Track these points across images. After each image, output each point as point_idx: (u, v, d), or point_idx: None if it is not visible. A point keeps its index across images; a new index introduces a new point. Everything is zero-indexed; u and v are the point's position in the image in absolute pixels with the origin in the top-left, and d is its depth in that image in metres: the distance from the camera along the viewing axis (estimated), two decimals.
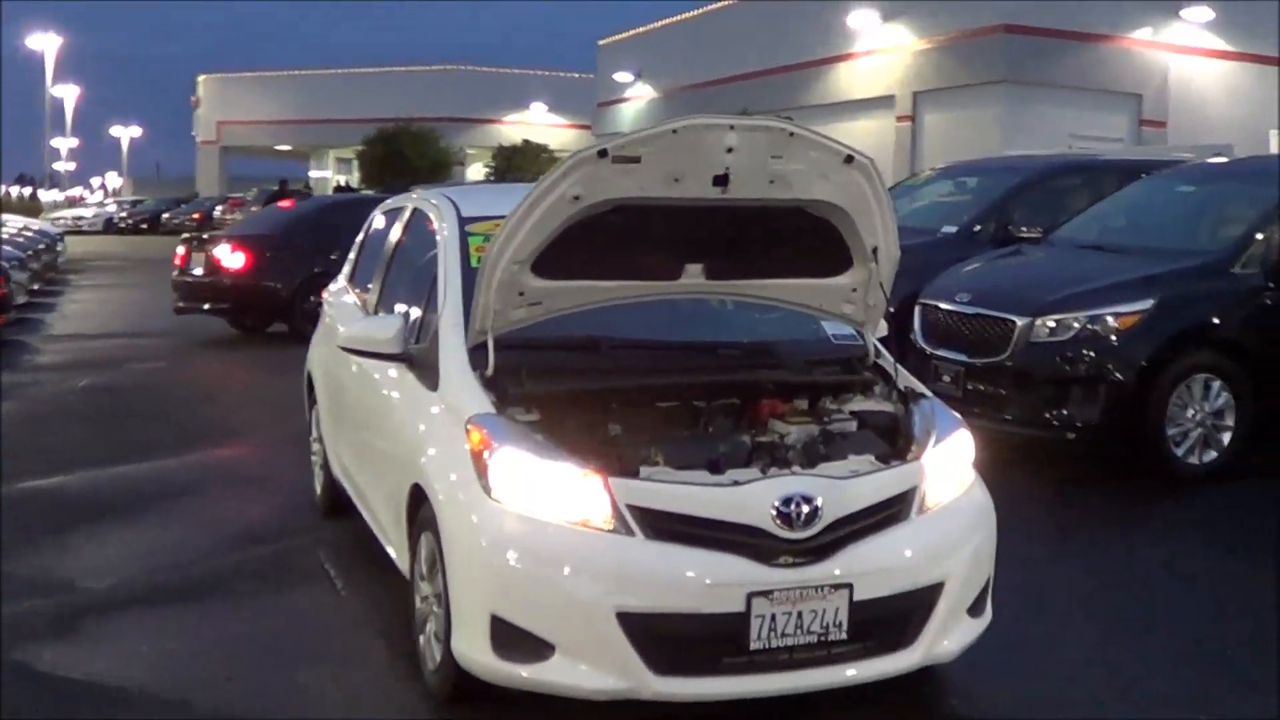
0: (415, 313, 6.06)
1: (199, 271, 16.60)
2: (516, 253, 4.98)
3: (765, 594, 4.56)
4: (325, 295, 8.27)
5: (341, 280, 8.05)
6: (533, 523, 4.62)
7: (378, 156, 46.50)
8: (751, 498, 4.63)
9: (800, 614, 4.59)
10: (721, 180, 4.88)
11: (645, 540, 4.56)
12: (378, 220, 7.77)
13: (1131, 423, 8.63)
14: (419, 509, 5.18)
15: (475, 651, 4.69)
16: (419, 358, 5.63)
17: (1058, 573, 6.85)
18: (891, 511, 4.85)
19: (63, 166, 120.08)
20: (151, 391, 12.71)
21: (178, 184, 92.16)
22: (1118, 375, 8.67)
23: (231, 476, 8.95)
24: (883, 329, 5.92)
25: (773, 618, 4.56)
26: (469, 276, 5.46)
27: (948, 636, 4.92)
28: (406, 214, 7.00)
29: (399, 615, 5.66)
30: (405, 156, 45.27)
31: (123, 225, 60.49)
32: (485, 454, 4.76)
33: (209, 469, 9.17)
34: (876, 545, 4.76)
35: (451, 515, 4.87)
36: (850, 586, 4.66)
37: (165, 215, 57.82)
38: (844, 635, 4.66)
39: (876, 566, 4.74)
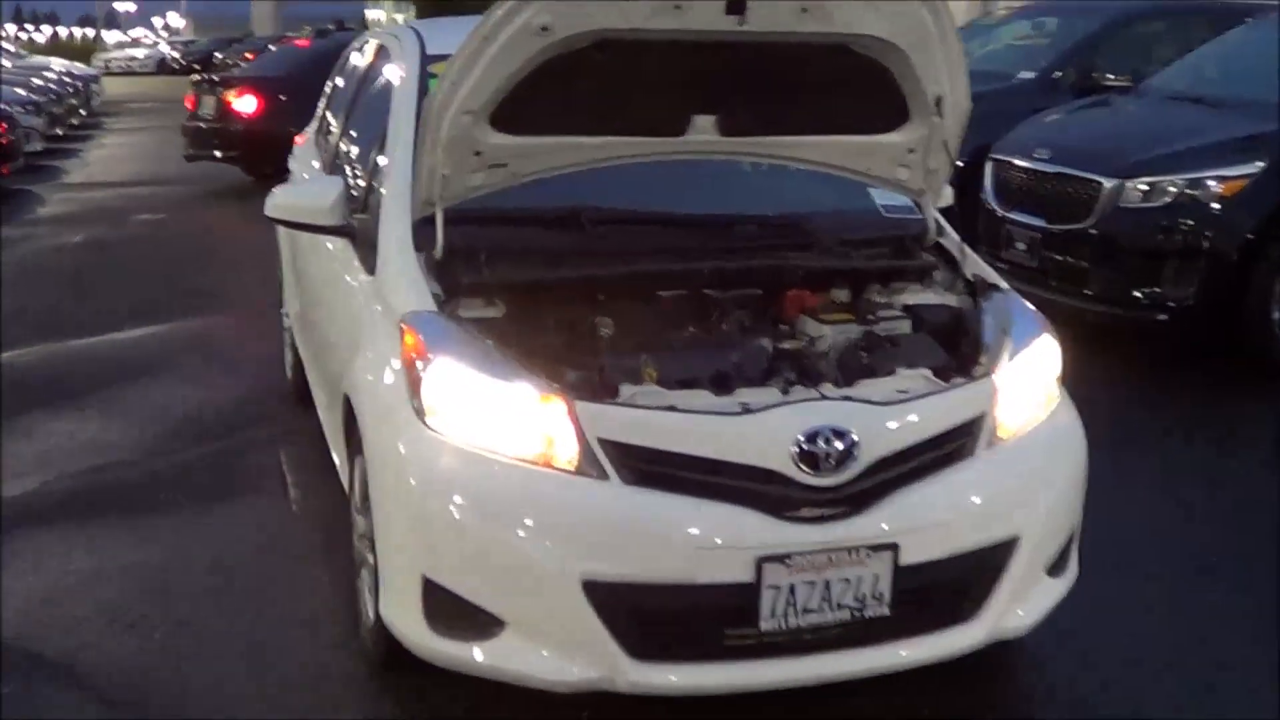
0: (364, 175, 4.91)
1: (209, 116, 15.42)
2: (468, 99, 3.81)
3: (781, 559, 3.46)
4: (295, 148, 7.12)
5: (309, 133, 6.90)
6: (477, 459, 3.52)
7: None
8: (765, 430, 3.51)
9: (828, 583, 3.49)
10: (737, 7, 3.67)
11: (622, 486, 3.46)
12: (351, 60, 6.56)
13: (1232, 304, 7.41)
14: (353, 427, 4.09)
15: (406, 621, 3.64)
16: (362, 233, 4.50)
17: (1148, 498, 5.67)
18: (953, 447, 3.72)
19: (123, 7, 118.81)
20: (146, 248, 11.68)
21: (236, 24, 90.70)
22: (1219, 248, 7.42)
23: (204, 351, 7.90)
24: (946, 196, 4.72)
25: (791, 589, 3.47)
26: None
27: (1021, 604, 3.81)
28: (370, 52, 5.80)
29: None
30: None
31: (175, 66, 59.26)
32: (419, 365, 3.65)
33: (182, 342, 8.14)
34: (931, 492, 3.63)
35: (376, 443, 3.79)
36: (895, 548, 3.54)
37: (218, 56, 56.45)
38: (886, 609, 3.56)
39: (930, 520, 3.62)
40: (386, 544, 3.71)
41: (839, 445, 3.49)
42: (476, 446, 3.52)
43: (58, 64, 27.96)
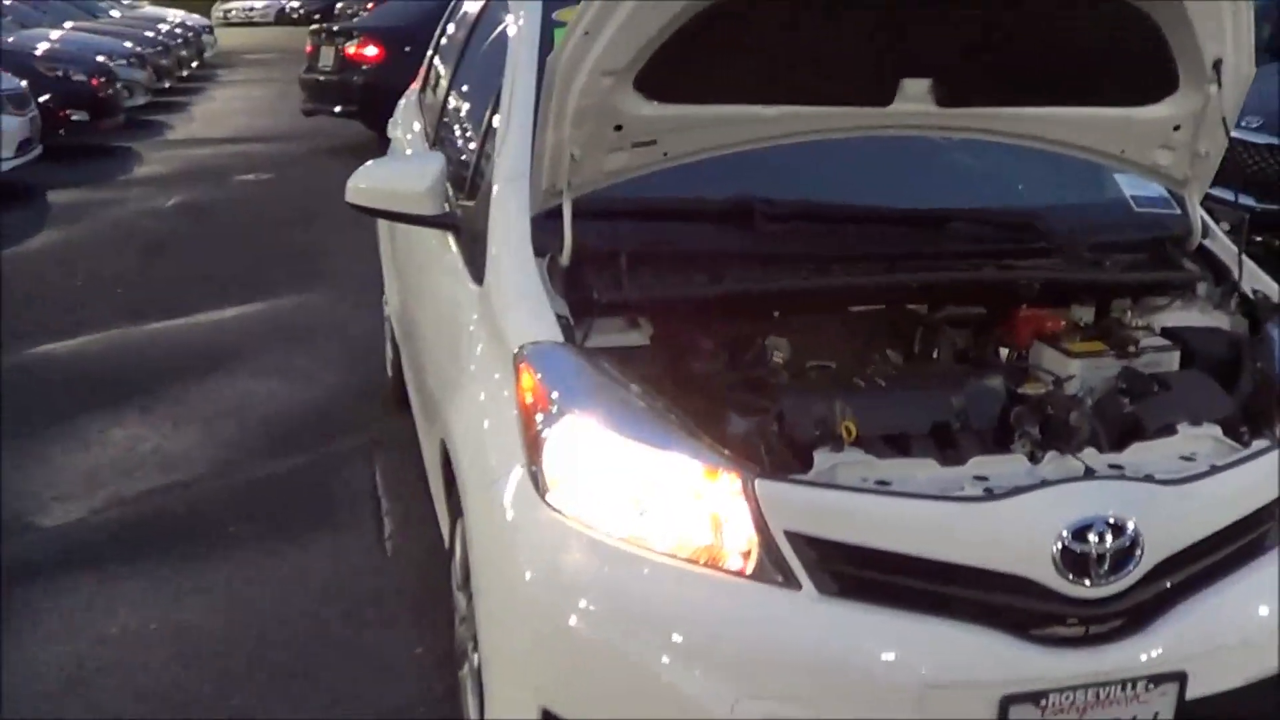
0: (472, 150, 3.97)
1: (328, 67, 14.52)
2: (606, 56, 2.86)
3: (1033, 698, 2.50)
4: (398, 109, 6.20)
5: (412, 95, 5.97)
6: (616, 555, 2.58)
7: None
8: (1018, 523, 2.53)
9: None
10: None
11: (819, 599, 2.50)
12: (464, 8, 5.58)
13: None
14: (454, 480, 3.17)
15: None
16: (468, 226, 3.56)
17: None
18: (1252, 536, 2.73)
19: None
20: (245, 213, 10.84)
21: None
22: None
23: (298, 337, 7.02)
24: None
25: None
26: None
27: None
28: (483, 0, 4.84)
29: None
30: None
31: (295, 16, 58.84)
32: (539, 420, 2.70)
33: (273, 325, 7.28)
34: (1225, 599, 2.67)
35: (481, 517, 2.86)
36: (1182, 678, 2.57)
37: (339, 4, 55.96)
38: None
39: (1226, 638, 2.67)
40: (493, 651, 2.79)
41: (1116, 542, 2.51)
42: (616, 536, 2.58)
43: (172, 15, 27.38)
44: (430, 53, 5.86)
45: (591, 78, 2.88)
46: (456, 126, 4.51)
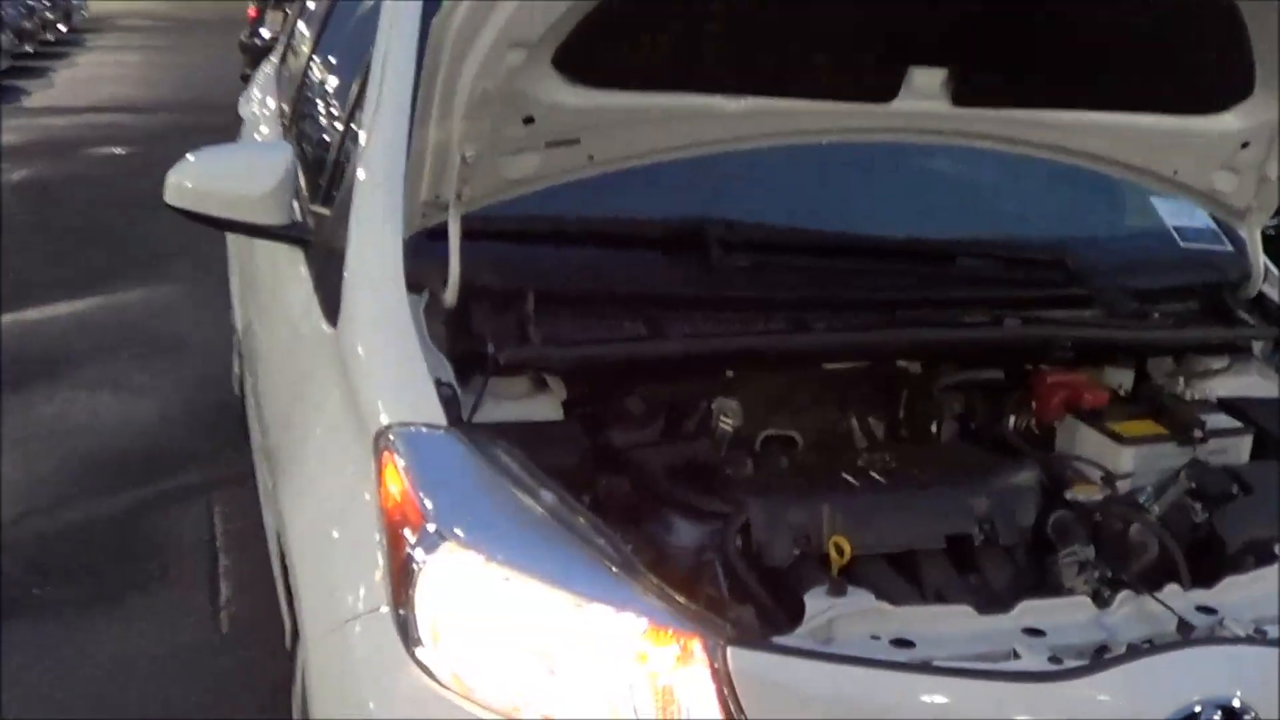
0: (331, 143, 3.10)
1: (268, 36, 13.24)
2: (516, 23, 2.02)
3: None
4: (254, 80, 5.28)
5: (268, 67, 5.06)
6: None
7: None
8: (1101, 710, 1.74)
9: None
10: None
11: None
12: None
13: None
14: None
15: None
16: (321, 241, 2.70)
17: None
18: None
19: None
20: (95, 192, 9.71)
21: None
22: None
23: (137, 340, 6.04)
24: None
25: None
26: None
27: None
28: None
29: None
30: None
31: None
32: (409, 541, 1.87)
33: (110, 327, 6.27)
34: None
35: (325, 672, 2.02)
36: None
37: None
38: None
39: None
40: None
41: None
42: (514, 717, 1.75)
43: None
44: (295, 8, 4.93)
45: (494, 52, 2.05)
46: (317, 109, 3.63)
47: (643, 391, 2.34)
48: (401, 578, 1.85)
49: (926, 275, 2.64)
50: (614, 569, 1.80)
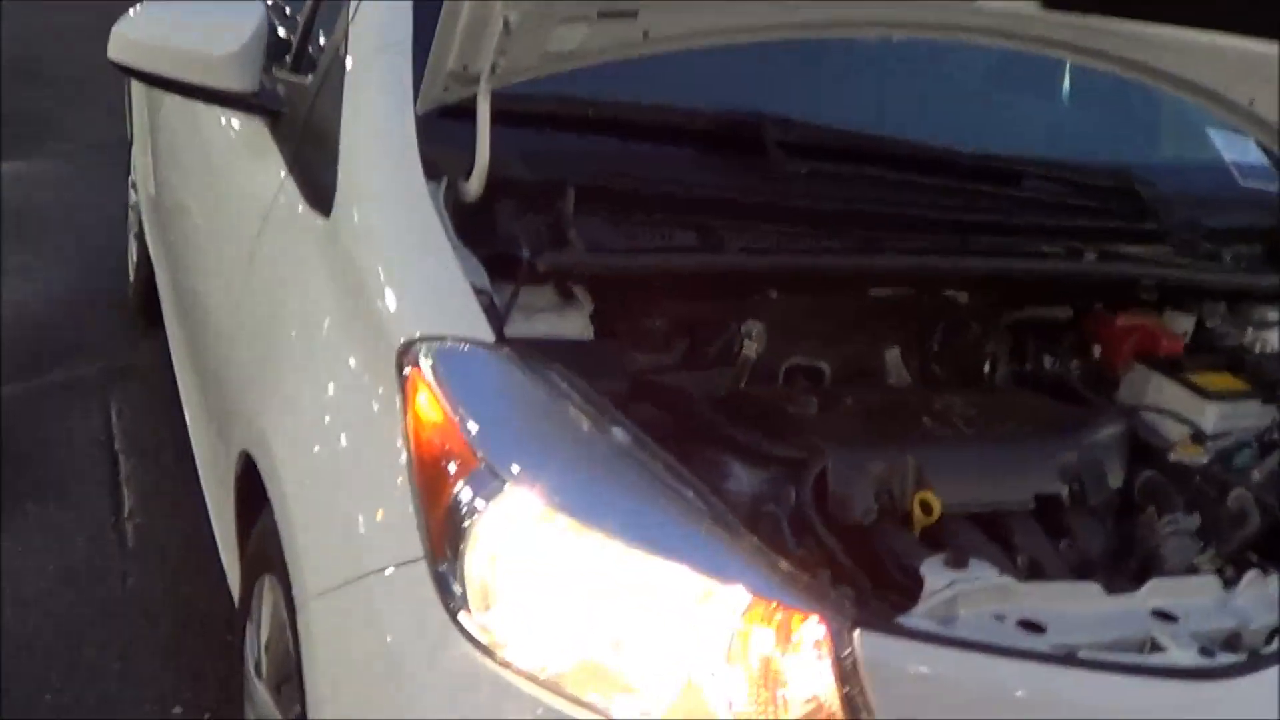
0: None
1: None
2: None
3: None
4: None
5: None
6: None
7: None
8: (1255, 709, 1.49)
9: None
10: None
11: None
12: None
13: None
14: (258, 510, 1.98)
15: None
16: (296, 113, 2.32)
17: None
18: None
19: None
20: None
21: None
22: None
23: (19, 218, 5.48)
24: None
25: None
26: None
27: None
28: None
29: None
30: None
31: None
32: (457, 485, 1.53)
33: None
34: None
35: (336, 637, 1.68)
36: None
37: None
38: None
39: None
40: None
41: None
42: (588, 702, 1.45)
43: None
44: None
45: None
46: None
47: (679, 310, 2.04)
48: (445, 527, 1.52)
49: (996, 197, 2.34)
50: (708, 526, 1.49)
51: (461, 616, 1.49)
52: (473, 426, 1.55)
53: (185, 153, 3.19)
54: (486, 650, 1.47)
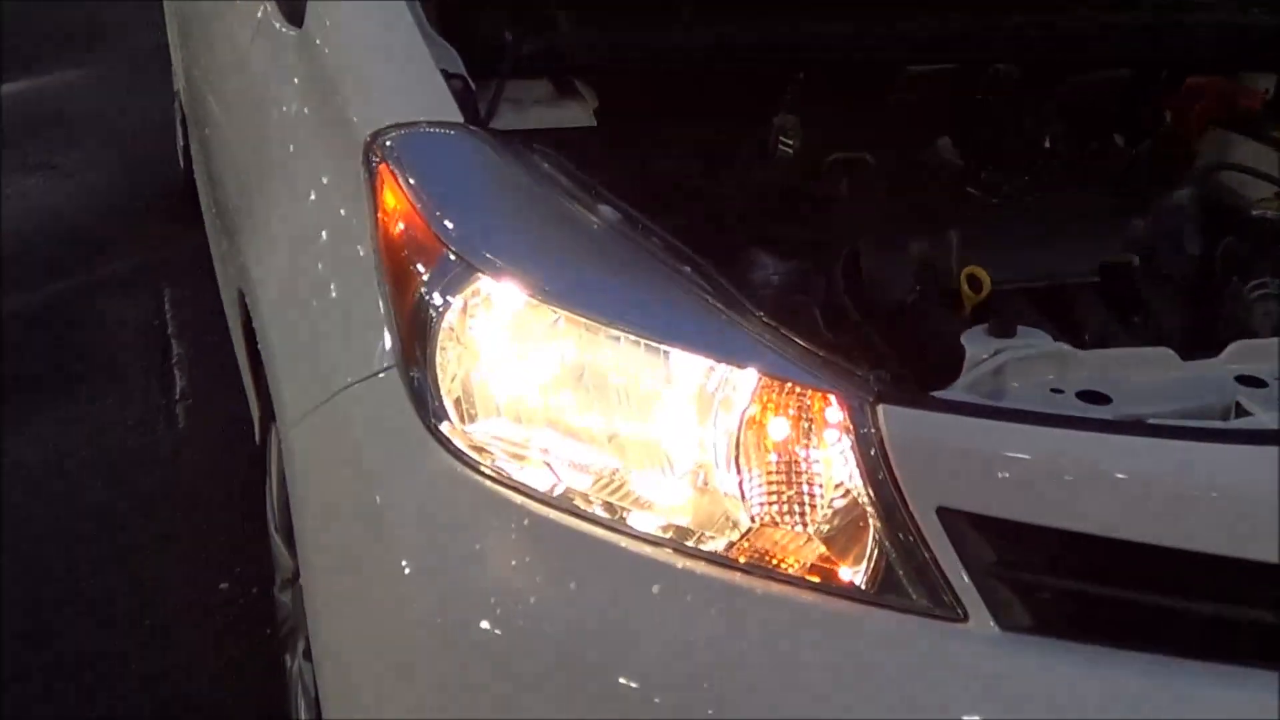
0: None
1: None
2: None
3: None
4: None
5: None
6: (579, 540, 1.27)
7: None
8: None
9: None
10: None
11: (1002, 639, 1.22)
12: None
13: None
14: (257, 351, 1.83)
15: None
16: None
17: None
18: None
19: None
20: None
21: None
22: None
23: (66, 123, 5.37)
24: None
25: None
26: None
27: None
28: None
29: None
30: None
31: None
32: (424, 278, 1.36)
33: (37, 108, 5.59)
34: None
35: (310, 456, 1.52)
36: None
37: None
38: None
39: None
40: (337, 690, 1.49)
41: None
42: (580, 506, 1.28)
43: None
44: None
45: None
46: None
47: (696, 104, 1.84)
48: (414, 328, 1.35)
49: None
50: (712, 303, 1.31)
51: (444, 427, 1.33)
52: (439, 213, 1.38)
53: (190, 16, 3.03)
54: (463, 459, 1.31)
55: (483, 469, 1.30)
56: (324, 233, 1.62)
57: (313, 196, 1.68)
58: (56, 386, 3.37)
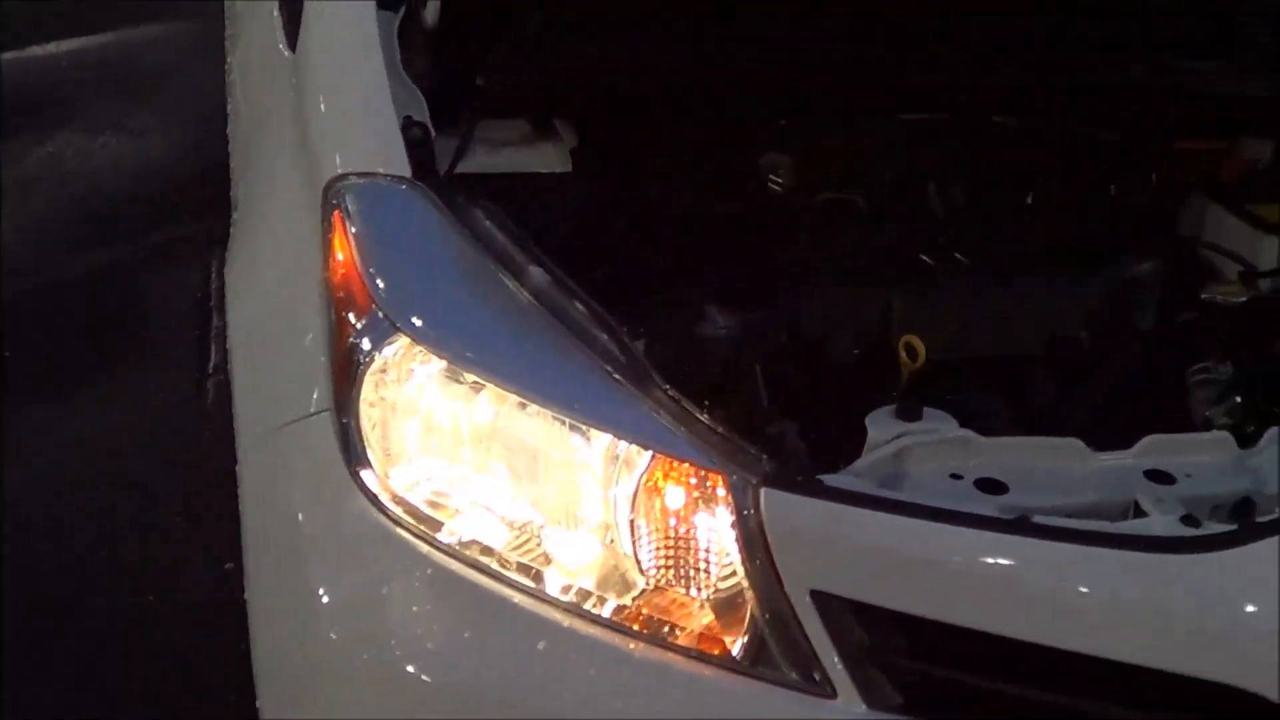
0: None
1: None
2: None
3: None
4: None
5: None
6: (481, 596, 1.34)
7: None
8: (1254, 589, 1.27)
9: None
10: None
11: (868, 717, 1.27)
12: None
13: None
14: None
15: None
16: None
17: None
18: None
19: None
20: None
21: None
22: None
23: (136, 83, 5.46)
24: None
25: None
26: None
27: None
28: None
29: None
30: None
31: None
32: (356, 327, 1.43)
33: (108, 67, 5.68)
34: None
35: (255, 487, 1.59)
36: None
37: None
38: None
39: None
40: (272, 695, 1.57)
41: None
42: (481, 562, 1.35)
43: None
44: None
45: None
46: None
47: (674, 138, 1.87)
48: (345, 375, 1.42)
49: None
50: (616, 377, 1.36)
51: (364, 474, 1.40)
52: (373, 270, 1.44)
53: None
54: (380, 508, 1.38)
55: (394, 516, 1.37)
56: (296, 261, 1.68)
57: (290, 223, 1.74)
58: (98, 357, 3.47)
